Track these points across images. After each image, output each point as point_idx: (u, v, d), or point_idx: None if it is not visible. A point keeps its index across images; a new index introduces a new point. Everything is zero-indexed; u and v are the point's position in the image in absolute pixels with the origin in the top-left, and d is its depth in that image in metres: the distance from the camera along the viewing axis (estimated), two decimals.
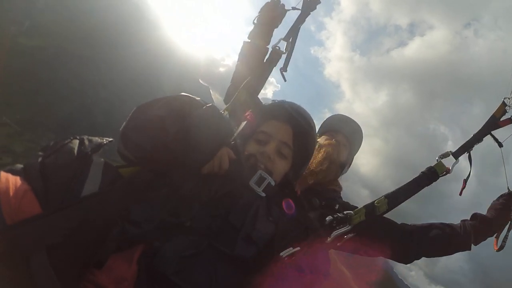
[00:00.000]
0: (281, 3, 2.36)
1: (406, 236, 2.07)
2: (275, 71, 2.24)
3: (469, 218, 2.11)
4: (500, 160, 2.04)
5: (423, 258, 2.15)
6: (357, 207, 2.08)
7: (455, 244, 2.01)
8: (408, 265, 2.18)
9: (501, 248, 1.97)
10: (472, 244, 1.98)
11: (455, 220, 2.14)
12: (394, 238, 2.07)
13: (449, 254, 2.03)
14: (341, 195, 2.65)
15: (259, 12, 2.36)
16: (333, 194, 2.59)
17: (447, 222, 2.10)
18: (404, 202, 1.99)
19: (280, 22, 2.41)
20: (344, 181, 2.79)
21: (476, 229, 1.99)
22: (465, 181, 2.12)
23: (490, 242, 1.94)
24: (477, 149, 2.09)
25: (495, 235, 2.00)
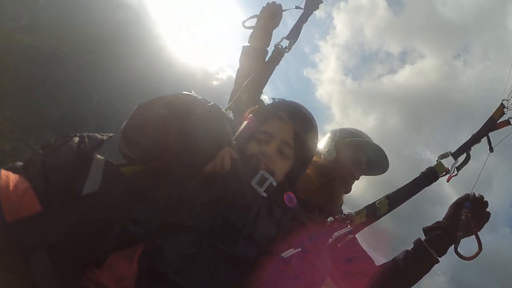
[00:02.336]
0: (277, 4, 2.38)
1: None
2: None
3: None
4: (484, 185, 1.98)
5: None
6: None
7: (419, 266, 1.90)
8: None
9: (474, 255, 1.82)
10: (437, 257, 1.87)
11: None
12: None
13: (419, 279, 1.91)
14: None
15: (258, 15, 2.37)
16: (335, 208, 2.47)
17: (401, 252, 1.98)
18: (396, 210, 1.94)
19: (278, 24, 2.41)
20: None
21: (431, 241, 1.90)
22: (458, 169, 2.07)
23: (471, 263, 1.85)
24: (464, 171, 2.05)
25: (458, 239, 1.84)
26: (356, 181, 2.57)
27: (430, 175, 2.02)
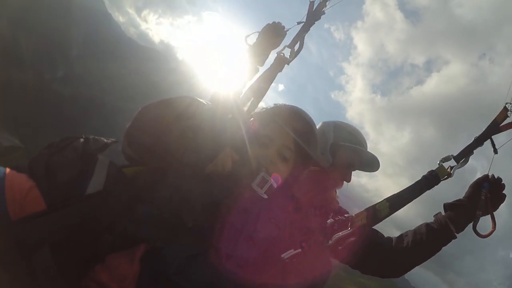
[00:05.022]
0: (281, 25, 2.35)
1: (389, 250, 2.03)
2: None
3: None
4: None
5: None
6: None
7: (438, 239, 1.96)
8: None
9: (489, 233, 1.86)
10: (456, 233, 1.93)
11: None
12: (380, 255, 2.04)
13: (437, 252, 1.99)
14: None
15: (260, 32, 2.32)
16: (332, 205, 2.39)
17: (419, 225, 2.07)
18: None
19: (280, 44, 2.37)
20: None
21: (451, 217, 1.96)
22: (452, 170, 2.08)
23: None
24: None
25: (477, 216, 1.89)
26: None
27: (432, 179, 2.03)
